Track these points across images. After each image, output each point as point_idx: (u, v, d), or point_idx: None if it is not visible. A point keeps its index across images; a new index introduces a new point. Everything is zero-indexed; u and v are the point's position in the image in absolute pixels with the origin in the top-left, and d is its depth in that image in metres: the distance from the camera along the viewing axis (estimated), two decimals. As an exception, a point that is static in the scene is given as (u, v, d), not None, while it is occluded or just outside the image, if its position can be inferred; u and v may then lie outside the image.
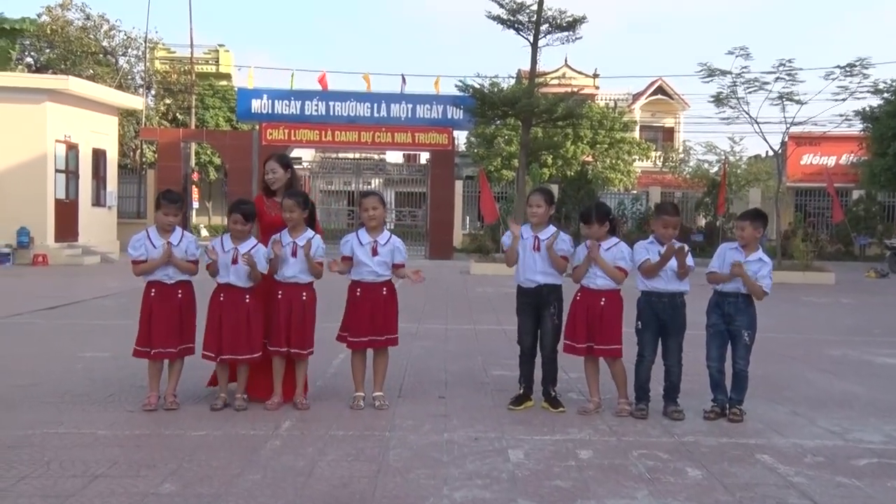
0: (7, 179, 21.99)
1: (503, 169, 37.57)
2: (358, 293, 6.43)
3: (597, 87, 48.21)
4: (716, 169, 38.02)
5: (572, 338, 6.46)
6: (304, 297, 6.32)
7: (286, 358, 6.34)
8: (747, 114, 23.55)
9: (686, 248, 6.40)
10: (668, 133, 50.48)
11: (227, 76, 50.13)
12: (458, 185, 32.41)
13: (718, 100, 23.80)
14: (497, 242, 28.51)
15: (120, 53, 40.08)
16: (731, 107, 23.73)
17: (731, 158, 39.46)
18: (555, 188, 29.97)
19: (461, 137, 42.88)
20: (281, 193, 6.55)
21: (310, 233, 6.37)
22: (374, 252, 6.37)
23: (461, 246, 32.21)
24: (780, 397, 7.28)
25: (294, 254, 6.30)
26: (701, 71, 23.33)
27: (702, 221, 35.03)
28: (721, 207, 30.26)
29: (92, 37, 38.89)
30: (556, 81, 32.56)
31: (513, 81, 38.26)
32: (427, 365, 8.42)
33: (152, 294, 6.27)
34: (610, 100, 47.39)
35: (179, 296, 6.29)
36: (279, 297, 6.28)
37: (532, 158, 30.50)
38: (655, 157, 45.00)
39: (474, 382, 7.60)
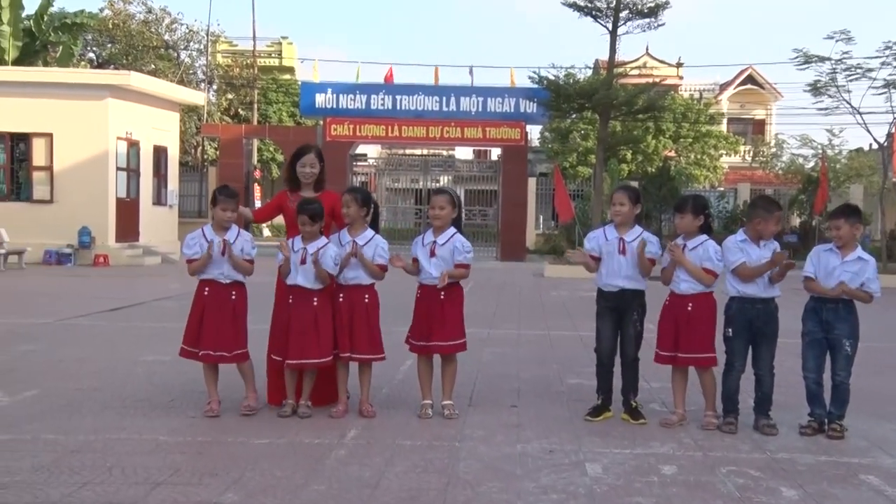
0: (69, 178, 22.64)
1: (579, 165, 37.30)
2: (419, 295, 6.49)
3: (680, 77, 47.49)
4: (812, 164, 37.02)
5: (660, 346, 6.37)
6: (367, 300, 6.34)
7: (332, 364, 6.35)
8: (848, 103, 22.92)
9: (786, 254, 6.22)
10: (759, 125, 49.43)
11: (291, 70, 50.95)
12: (532, 182, 32.36)
13: (816, 88, 23.20)
14: (572, 243, 28.34)
15: (181, 47, 41.12)
16: (829, 96, 23.13)
17: (830, 152, 38.39)
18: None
19: (534, 132, 42.80)
20: (309, 189, 6.60)
21: (370, 233, 6.41)
22: (432, 253, 6.38)
23: (534, 247, 32.14)
24: (886, 413, 7.07)
25: (354, 254, 6.32)
26: (796, 57, 22.80)
27: (796, 221, 34.17)
28: (819, 206, 29.39)
29: (153, 31, 39.99)
30: (636, 72, 32.17)
31: (590, 72, 37.90)
32: (498, 372, 8.40)
33: (205, 293, 6.32)
34: (695, 90, 46.62)
35: (233, 297, 6.31)
36: (340, 299, 6.31)
37: (610, 154, 30.13)
38: (744, 151, 44.09)
39: (549, 391, 7.56)
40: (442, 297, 6.36)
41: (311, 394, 6.47)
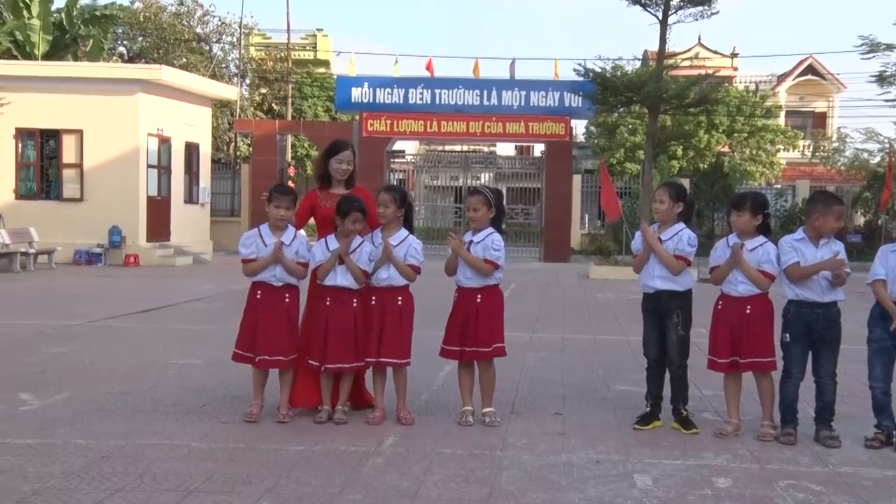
0: (98, 175, 22.97)
1: (627, 162, 37.05)
2: (456, 298, 6.52)
3: (735, 69, 46.97)
4: (877, 159, 36.37)
5: (714, 352, 6.29)
6: (400, 302, 6.35)
7: (357, 370, 6.40)
8: (918, 94, 22.45)
9: (843, 261, 6.10)
10: (820, 119, 48.71)
11: (326, 63, 51.28)
12: (577, 179, 32.13)
13: (882, 78, 22.80)
14: (619, 243, 28.20)
15: (214, 40, 41.52)
16: (898, 86, 22.65)
17: (897, 146, 37.68)
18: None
19: (580, 127, 42.53)
20: (341, 186, 6.63)
21: (403, 233, 6.45)
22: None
23: (579, 247, 31.97)
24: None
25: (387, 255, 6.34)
26: (861, 45, 22.41)
27: (860, 220, 33.61)
28: (884, 203, 28.84)
29: (185, 23, 40.41)
30: (687, 63, 31.70)
31: (638, 64, 37.68)
32: (542, 378, 8.38)
33: (258, 296, 6.37)
34: (750, 82, 46.10)
35: (287, 300, 6.36)
36: (372, 302, 6.33)
37: (659, 149, 29.88)
38: (803, 146, 43.47)
39: (595, 398, 7.51)
40: (479, 300, 6.35)
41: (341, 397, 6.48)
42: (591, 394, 7.71)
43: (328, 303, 6.29)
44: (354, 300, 6.29)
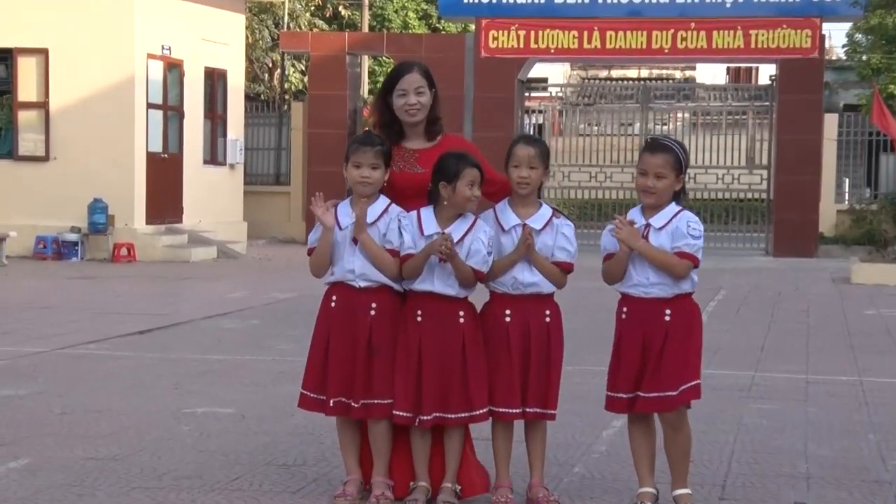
0: (73, 120, 18.23)
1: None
2: (624, 316, 5.08)
3: None
4: None
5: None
6: (549, 319, 5.01)
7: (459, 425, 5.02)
8: None
9: None
10: None
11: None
12: (831, 122, 23.86)
13: None
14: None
15: None
16: None
17: None
18: None
19: (837, 36, 33.15)
20: (419, 134, 5.18)
21: (546, 210, 5.30)
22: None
23: (834, 232, 23.84)
24: None
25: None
26: None
27: None
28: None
29: None
30: None
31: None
32: (772, 445, 6.63)
33: (332, 304, 5.08)
34: None
35: (372, 313, 5.00)
36: (507, 319, 5.08)
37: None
38: None
39: (861, 480, 5.77)
40: (667, 317, 4.82)
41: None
42: (854, 473, 5.91)
43: (420, 318, 4.98)
44: (462, 314, 4.95)
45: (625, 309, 4.92)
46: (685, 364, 4.89)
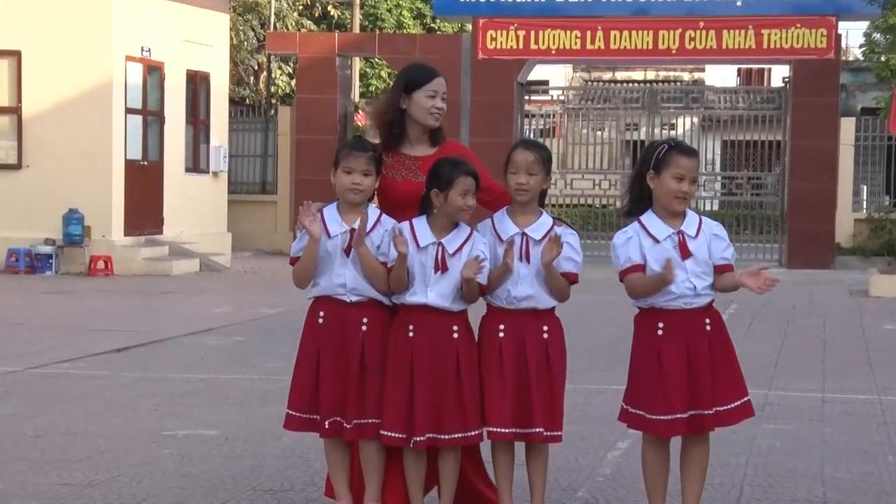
0: (47, 127, 18.14)
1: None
2: (662, 333, 4.90)
3: None
4: None
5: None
6: (546, 335, 4.89)
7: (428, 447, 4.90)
8: None
9: None
10: None
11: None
12: (847, 125, 23.35)
13: None
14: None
15: None
16: None
17: None
18: None
19: (853, 35, 33.46)
20: (423, 138, 5.12)
21: (547, 219, 5.20)
22: (685, 252, 4.76)
23: (851, 243, 23.44)
24: None
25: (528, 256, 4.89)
26: None
27: None
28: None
29: None
30: None
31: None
32: (786, 468, 6.49)
33: (319, 320, 4.96)
34: None
35: (364, 328, 4.91)
36: (500, 334, 5.01)
37: None
38: None
39: None
40: (708, 327, 4.78)
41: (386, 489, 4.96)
42: (874, 498, 5.78)
43: (412, 334, 4.87)
44: (456, 328, 4.85)
45: (661, 324, 4.78)
46: (736, 374, 4.82)
